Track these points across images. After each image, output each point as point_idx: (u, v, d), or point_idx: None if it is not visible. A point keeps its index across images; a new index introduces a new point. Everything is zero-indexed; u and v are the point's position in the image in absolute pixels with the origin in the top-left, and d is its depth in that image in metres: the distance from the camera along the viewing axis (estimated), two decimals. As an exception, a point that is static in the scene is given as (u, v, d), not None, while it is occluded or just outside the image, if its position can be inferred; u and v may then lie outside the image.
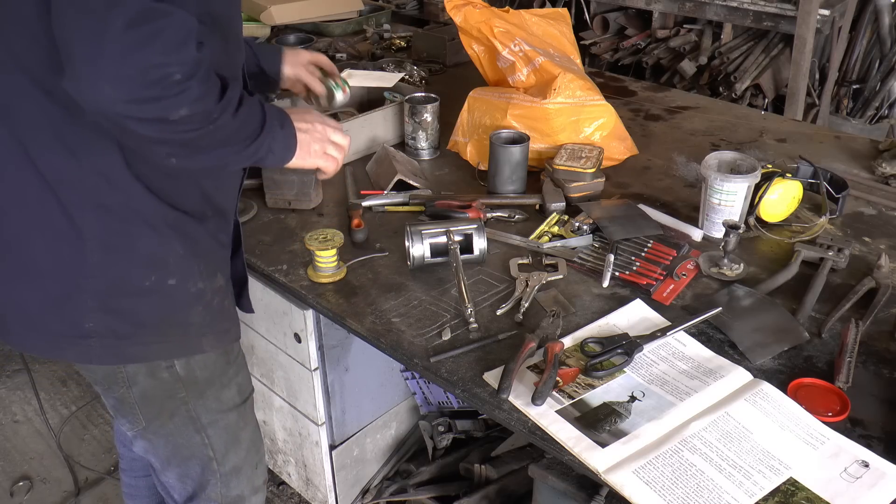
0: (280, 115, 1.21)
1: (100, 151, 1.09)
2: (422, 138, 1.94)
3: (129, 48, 0.91)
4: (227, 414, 1.36)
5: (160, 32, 0.93)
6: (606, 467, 1.07)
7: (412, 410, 2.02)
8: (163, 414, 1.29)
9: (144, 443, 1.34)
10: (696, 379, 1.22)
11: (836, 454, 1.08)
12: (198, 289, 1.23)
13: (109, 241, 1.13)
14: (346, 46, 2.71)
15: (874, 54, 3.68)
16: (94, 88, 0.93)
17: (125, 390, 1.25)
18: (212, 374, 1.31)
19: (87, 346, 1.17)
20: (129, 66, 0.92)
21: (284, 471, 2.01)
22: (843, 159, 1.93)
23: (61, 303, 1.15)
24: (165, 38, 0.93)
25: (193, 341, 1.25)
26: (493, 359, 1.27)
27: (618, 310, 1.38)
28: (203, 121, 1.02)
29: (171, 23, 0.94)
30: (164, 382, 1.26)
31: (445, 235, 1.47)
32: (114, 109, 0.95)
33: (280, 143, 1.20)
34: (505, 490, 1.83)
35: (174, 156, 1.07)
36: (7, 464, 2.38)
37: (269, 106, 1.17)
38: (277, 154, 1.20)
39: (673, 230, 1.61)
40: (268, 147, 1.16)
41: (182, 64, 0.95)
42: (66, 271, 1.13)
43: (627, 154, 1.94)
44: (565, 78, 1.82)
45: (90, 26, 0.91)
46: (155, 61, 0.93)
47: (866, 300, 1.39)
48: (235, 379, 1.37)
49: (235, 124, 1.08)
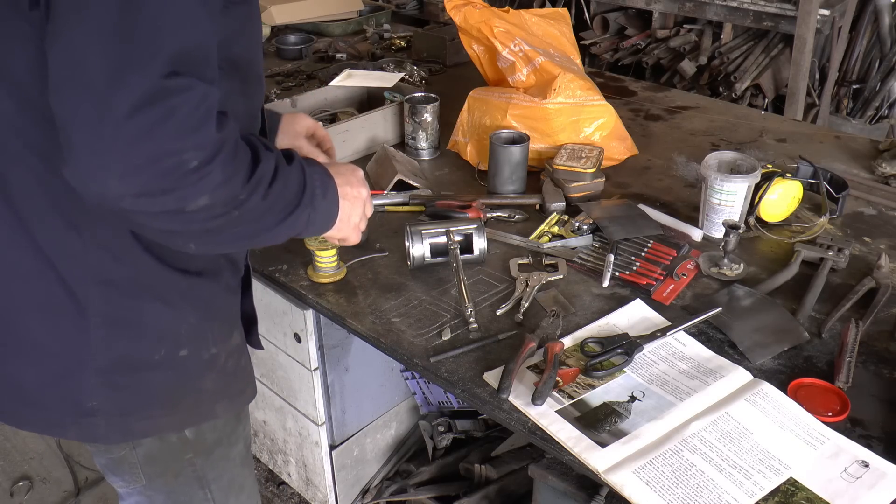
0: (324, 180, 1.06)
1: (103, 224, 0.98)
2: (422, 138, 1.94)
3: (136, 136, 0.79)
4: (232, 468, 1.28)
5: (172, 113, 0.80)
6: (606, 467, 1.07)
7: (412, 410, 2.02)
8: (167, 473, 1.19)
9: (141, 498, 1.23)
10: (696, 379, 1.22)
11: (836, 454, 1.08)
12: (211, 355, 1.13)
13: (115, 316, 1.03)
14: (346, 46, 2.71)
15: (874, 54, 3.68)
16: (97, 182, 0.81)
17: (128, 451, 1.15)
18: (221, 434, 1.22)
19: (91, 424, 1.07)
20: (136, 156, 0.80)
21: (284, 471, 2.01)
22: (843, 159, 1.93)
23: (62, 381, 1.05)
24: (179, 119, 0.81)
25: (206, 408, 1.16)
26: (493, 359, 1.27)
27: (618, 310, 1.38)
28: (227, 206, 0.90)
29: (187, 100, 0.82)
30: (172, 446, 1.16)
31: (445, 235, 1.47)
32: (121, 205, 0.83)
33: (321, 215, 1.06)
34: (505, 490, 1.83)
35: (192, 243, 0.96)
36: (7, 464, 2.38)
37: (311, 169, 1.03)
38: (317, 226, 1.07)
39: (673, 230, 1.61)
40: (306, 220, 1.02)
41: (200, 148, 0.83)
42: (66, 348, 1.03)
43: (627, 154, 1.94)
44: (565, 78, 1.82)
45: (90, 110, 0.79)
46: (167, 148, 0.81)
47: (866, 300, 1.39)
48: (244, 433, 1.29)
49: (267, 203, 0.94)
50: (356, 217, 1.15)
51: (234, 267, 1.17)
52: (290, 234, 1.03)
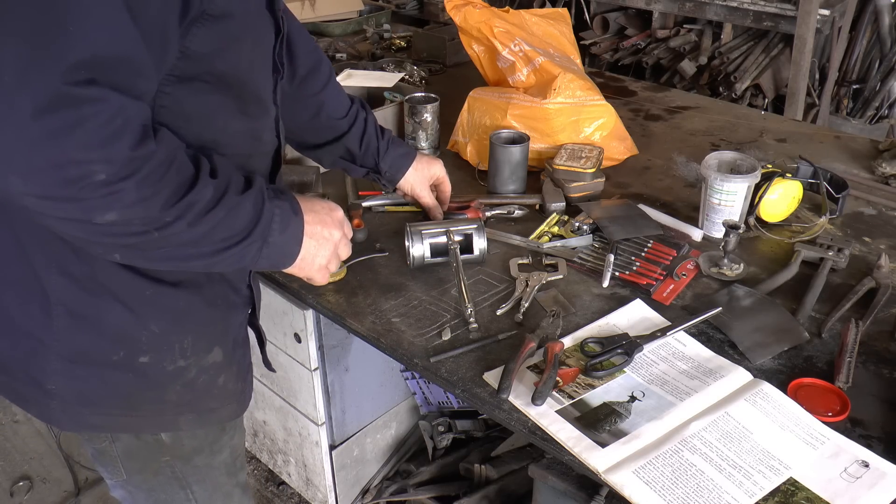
0: (286, 216, 1.02)
1: None
2: (422, 138, 1.93)
3: (39, 139, 0.77)
4: (217, 476, 1.26)
5: (80, 123, 0.78)
6: (606, 467, 1.07)
7: (412, 410, 2.02)
8: (146, 470, 1.19)
9: (124, 493, 1.24)
10: (696, 379, 1.22)
11: (836, 454, 1.08)
12: (177, 367, 1.10)
13: (75, 309, 1.02)
14: (346, 46, 2.71)
15: (874, 54, 3.69)
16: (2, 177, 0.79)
17: (108, 444, 1.15)
18: (202, 442, 1.20)
19: (49, 406, 1.08)
20: (38, 158, 0.78)
21: (284, 471, 2.01)
22: (843, 159, 1.93)
23: (29, 357, 1.06)
24: (86, 129, 0.79)
25: (168, 418, 1.13)
26: (493, 359, 1.27)
27: (618, 310, 1.38)
28: (145, 225, 0.87)
29: (98, 111, 0.79)
30: (148, 445, 1.16)
31: (445, 235, 1.47)
32: (25, 203, 0.81)
33: (276, 250, 1.02)
34: (505, 490, 1.83)
35: (116, 254, 0.93)
36: (7, 464, 2.38)
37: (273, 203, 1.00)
38: (271, 261, 1.03)
39: (673, 230, 1.61)
40: (255, 253, 0.99)
41: (108, 162, 0.81)
42: (34, 329, 1.04)
43: (627, 154, 1.94)
44: (565, 78, 1.82)
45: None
46: (72, 156, 0.79)
47: (866, 300, 1.39)
48: (230, 443, 1.26)
49: (200, 231, 0.91)
50: (322, 258, 1.10)
51: (229, 284, 1.14)
52: (237, 265, 1.00)
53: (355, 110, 1.48)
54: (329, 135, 1.46)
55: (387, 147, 1.50)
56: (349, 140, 1.47)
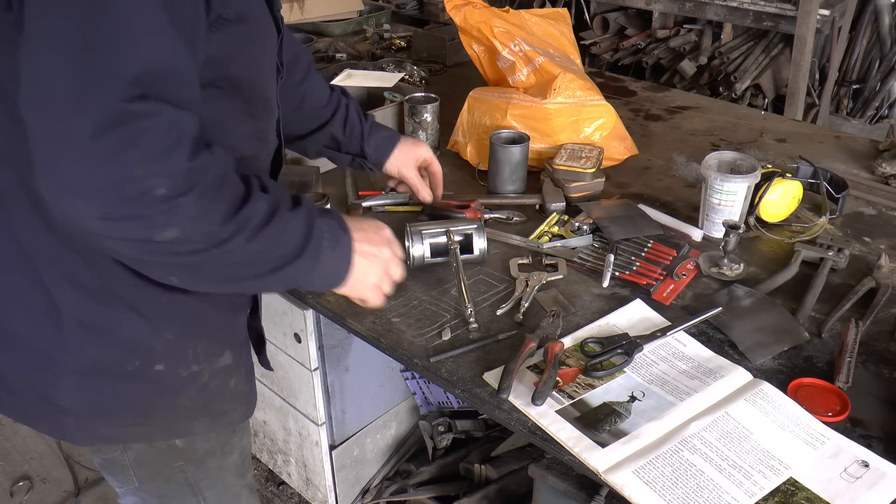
0: (335, 233, 1.00)
1: None
2: (422, 138, 1.93)
3: (99, 159, 0.77)
4: (227, 477, 1.27)
5: (139, 139, 0.78)
6: (606, 467, 1.07)
7: (412, 410, 2.02)
8: (158, 478, 1.19)
9: (135, 499, 1.23)
10: (696, 379, 1.22)
11: (836, 454, 1.08)
12: (191, 372, 1.10)
13: (88, 321, 1.02)
14: (346, 46, 2.71)
15: (874, 54, 3.69)
16: (62, 200, 0.79)
17: (119, 453, 1.14)
18: (214, 445, 1.20)
19: (61, 422, 1.07)
20: (99, 178, 0.78)
21: (284, 471, 2.01)
22: (843, 159, 1.93)
23: (38, 375, 1.05)
24: (146, 145, 0.79)
25: (182, 424, 1.14)
26: (493, 359, 1.27)
27: (618, 310, 1.38)
28: (205, 242, 0.86)
29: (154, 126, 0.80)
30: (161, 452, 1.16)
31: (445, 235, 1.47)
32: (87, 225, 0.81)
33: (328, 269, 1.00)
34: (505, 490, 1.83)
35: (174, 277, 0.93)
36: (7, 464, 2.38)
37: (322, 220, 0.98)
38: (324, 281, 1.02)
39: (673, 230, 1.61)
40: (309, 272, 0.97)
41: (168, 175, 0.81)
42: (44, 345, 1.03)
43: (627, 154, 1.94)
44: (565, 78, 1.82)
45: (53, 129, 0.77)
46: (132, 173, 0.79)
47: (866, 300, 1.39)
48: (240, 444, 1.27)
49: (257, 246, 0.90)
50: (373, 276, 1.07)
51: None
52: (291, 285, 1.00)
53: (336, 97, 1.48)
54: (313, 124, 1.47)
55: (370, 131, 1.51)
56: (333, 127, 1.47)
